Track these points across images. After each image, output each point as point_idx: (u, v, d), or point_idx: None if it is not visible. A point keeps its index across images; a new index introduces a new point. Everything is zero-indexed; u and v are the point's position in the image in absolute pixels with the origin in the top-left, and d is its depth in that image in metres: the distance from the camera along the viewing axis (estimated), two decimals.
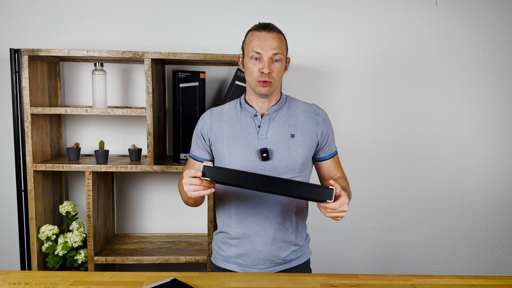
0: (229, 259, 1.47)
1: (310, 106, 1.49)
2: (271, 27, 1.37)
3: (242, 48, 1.43)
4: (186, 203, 1.48)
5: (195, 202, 1.47)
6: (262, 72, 1.34)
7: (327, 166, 1.49)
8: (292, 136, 1.41)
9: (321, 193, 1.16)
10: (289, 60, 1.46)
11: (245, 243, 1.43)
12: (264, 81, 1.35)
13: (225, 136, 1.42)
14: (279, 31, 1.39)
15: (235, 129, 1.42)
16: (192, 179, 1.21)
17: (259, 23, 1.39)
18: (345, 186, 1.42)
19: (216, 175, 1.18)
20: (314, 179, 1.56)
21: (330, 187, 1.17)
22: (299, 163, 1.41)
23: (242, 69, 1.45)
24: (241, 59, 1.45)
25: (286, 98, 1.48)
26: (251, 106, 1.44)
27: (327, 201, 1.17)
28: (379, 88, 2.20)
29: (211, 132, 1.44)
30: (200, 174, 1.18)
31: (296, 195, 1.17)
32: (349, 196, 1.33)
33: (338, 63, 2.18)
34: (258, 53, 1.35)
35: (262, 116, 1.43)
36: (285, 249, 1.45)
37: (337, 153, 1.52)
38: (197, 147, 1.48)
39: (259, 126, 1.41)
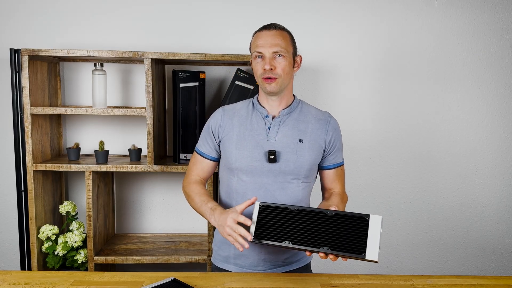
0: (229, 260, 1.47)
1: (322, 113, 1.48)
2: (272, 25, 1.38)
3: (250, 51, 1.45)
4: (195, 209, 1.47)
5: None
6: (264, 69, 1.35)
7: (329, 176, 1.48)
8: (301, 141, 1.40)
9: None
10: (301, 57, 1.45)
11: None
12: (268, 78, 1.36)
13: (235, 134, 1.41)
14: (280, 28, 1.39)
15: (245, 128, 1.42)
16: (237, 225, 1.21)
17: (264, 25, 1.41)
18: (337, 204, 1.38)
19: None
20: (316, 185, 1.56)
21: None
22: (305, 169, 1.40)
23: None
24: (251, 63, 1.46)
25: (299, 103, 1.48)
26: (263, 107, 1.44)
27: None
28: (379, 88, 2.20)
29: (221, 129, 1.44)
30: (249, 237, 1.20)
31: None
32: None
33: (338, 63, 2.17)
34: (259, 52, 1.36)
35: (273, 118, 1.42)
36: (285, 251, 1.44)
37: (342, 165, 1.49)
38: (205, 144, 1.48)
39: (269, 128, 1.41)
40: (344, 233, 1.14)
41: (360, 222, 1.14)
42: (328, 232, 1.16)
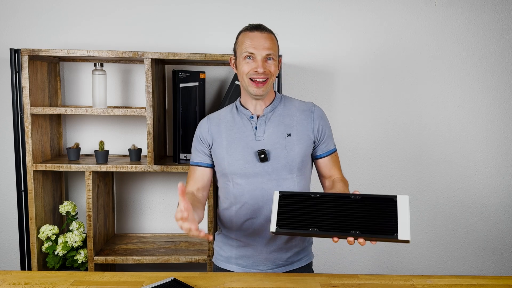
0: (230, 260, 1.47)
1: (305, 104, 1.48)
2: (263, 27, 1.39)
3: (234, 50, 1.44)
4: None
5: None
6: (256, 71, 1.35)
7: (325, 164, 1.48)
8: (289, 135, 1.41)
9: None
10: (281, 59, 1.47)
11: (247, 244, 1.43)
12: (259, 81, 1.36)
13: (223, 139, 1.42)
14: (270, 31, 1.40)
15: (233, 132, 1.42)
16: (181, 222, 1.08)
17: (250, 24, 1.40)
18: (344, 190, 1.39)
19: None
20: (314, 180, 1.56)
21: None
22: (297, 162, 1.40)
23: (235, 71, 1.45)
24: (233, 61, 1.46)
25: (281, 98, 1.48)
26: (247, 109, 1.44)
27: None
28: (378, 88, 2.20)
29: (210, 137, 1.44)
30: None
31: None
32: None
33: (337, 63, 2.18)
34: (251, 53, 1.36)
35: (258, 117, 1.43)
36: (287, 250, 1.44)
37: (335, 151, 1.50)
38: (197, 153, 1.48)
39: (255, 128, 1.41)
40: (373, 215, 1.13)
41: (389, 204, 1.13)
42: (357, 216, 1.14)
